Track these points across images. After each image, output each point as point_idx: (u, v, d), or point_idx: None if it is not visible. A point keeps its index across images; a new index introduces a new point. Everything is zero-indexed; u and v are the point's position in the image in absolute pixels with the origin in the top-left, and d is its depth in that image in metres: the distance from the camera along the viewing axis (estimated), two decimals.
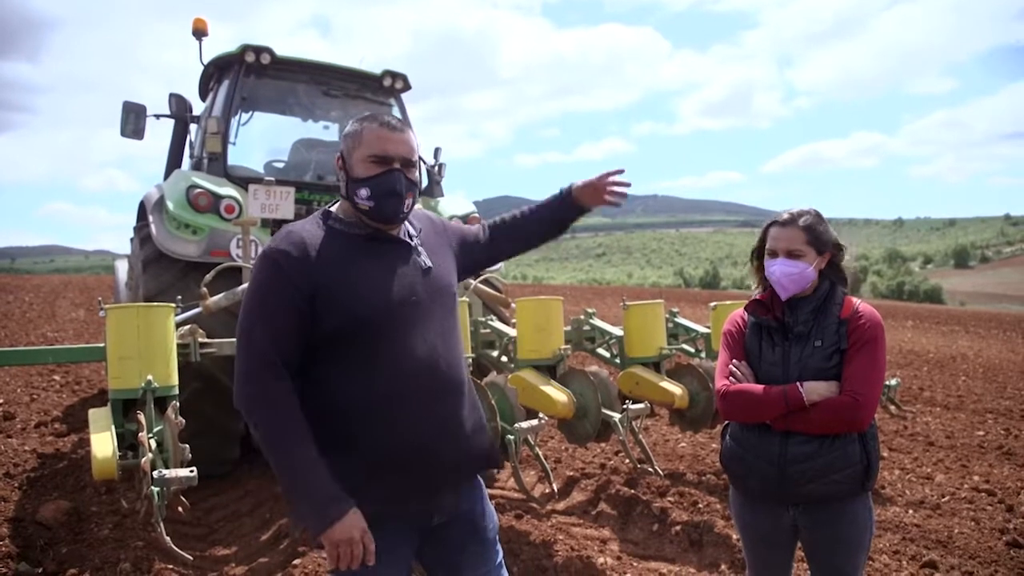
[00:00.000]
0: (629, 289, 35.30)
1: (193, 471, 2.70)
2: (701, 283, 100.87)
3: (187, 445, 2.80)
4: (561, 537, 3.79)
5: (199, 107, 6.29)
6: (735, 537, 3.69)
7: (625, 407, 4.17)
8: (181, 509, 2.83)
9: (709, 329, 5.01)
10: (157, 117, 6.17)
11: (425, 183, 6.05)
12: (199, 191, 4.76)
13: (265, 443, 1.68)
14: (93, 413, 3.14)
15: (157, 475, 2.66)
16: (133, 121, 5.92)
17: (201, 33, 5.66)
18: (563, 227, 2.20)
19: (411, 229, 1.91)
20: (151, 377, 3.01)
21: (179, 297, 3.87)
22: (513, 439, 3.59)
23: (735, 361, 2.24)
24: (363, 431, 1.73)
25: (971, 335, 17.40)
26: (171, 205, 4.71)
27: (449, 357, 1.84)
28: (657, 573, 3.55)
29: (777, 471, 2.13)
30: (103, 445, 2.85)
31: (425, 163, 6.07)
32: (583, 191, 2.13)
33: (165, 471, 2.69)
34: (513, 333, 4.47)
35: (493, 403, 3.58)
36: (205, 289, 3.88)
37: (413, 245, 1.87)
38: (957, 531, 4.03)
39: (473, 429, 1.90)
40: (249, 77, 5.40)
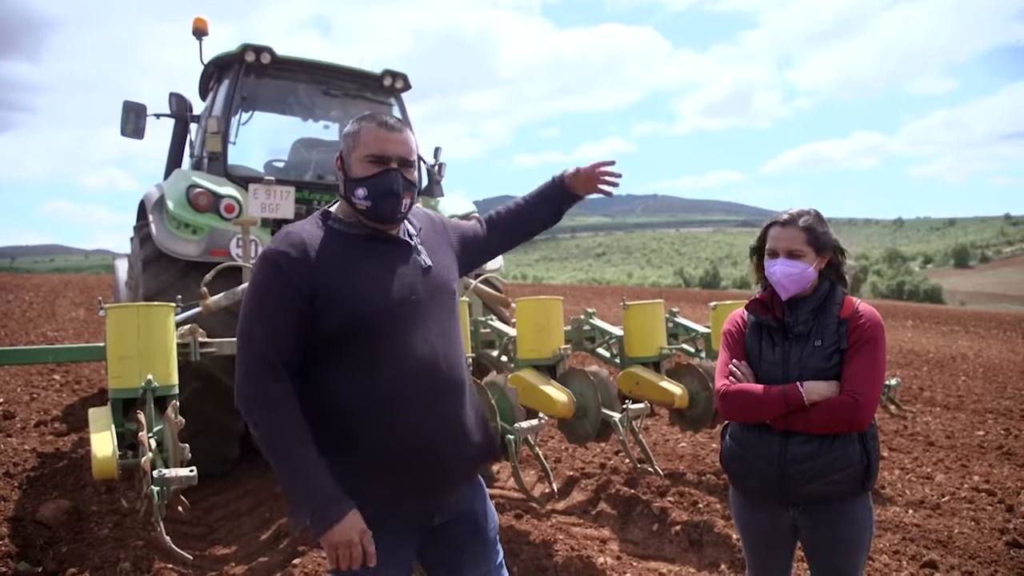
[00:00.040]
0: (629, 289, 35.29)
1: (193, 470, 2.70)
2: (701, 283, 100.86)
3: (187, 444, 2.80)
4: (561, 537, 3.79)
5: (199, 106, 6.29)
6: (735, 537, 3.69)
7: (625, 407, 4.17)
8: (181, 508, 2.83)
9: (709, 329, 5.00)
10: (157, 116, 6.17)
11: (425, 183, 6.05)
12: (199, 190, 4.76)
13: (265, 444, 1.68)
14: (93, 412, 3.14)
15: (157, 474, 2.65)
16: (133, 120, 5.93)
17: (201, 33, 5.67)
18: (558, 216, 2.23)
19: (411, 228, 1.91)
20: (151, 376, 3.01)
21: (179, 296, 3.87)
22: (513, 439, 3.59)
23: (735, 361, 2.24)
24: (363, 431, 1.73)
25: (971, 335, 17.40)
26: (171, 204, 4.71)
27: (450, 356, 1.83)
28: (657, 573, 3.54)
29: (777, 471, 2.13)
30: (103, 444, 2.85)
31: (425, 163, 6.06)
32: (576, 179, 2.16)
33: (165, 470, 2.69)
34: (513, 333, 4.47)
35: (493, 403, 3.58)
36: (205, 289, 3.88)
37: (413, 244, 1.87)
38: (957, 531, 4.03)
39: (473, 428, 1.90)
40: (249, 77, 5.40)
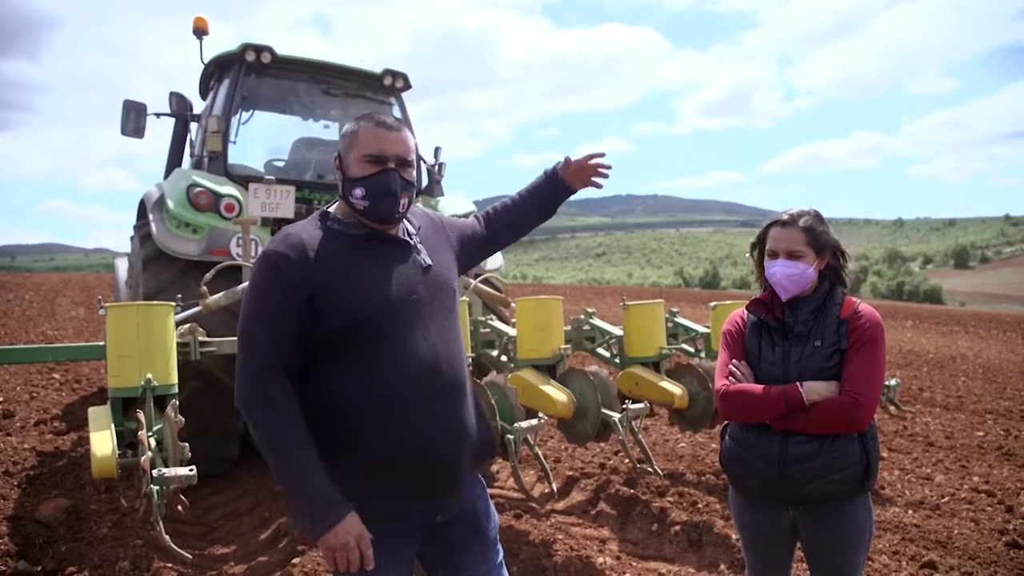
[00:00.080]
0: (629, 289, 35.29)
1: (192, 470, 2.70)
2: (701, 283, 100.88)
3: (186, 444, 2.80)
4: (560, 537, 3.79)
5: (199, 106, 6.28)
6: (734, 537, 3.69)
7: (625, 407, 4.17)
8: (180, 508, 2.83)
9: (709, 329, 5.00)
10: (157, 116, 6.16)
11: (425, 182, 6.05)
12: (199, 190, 4.76)
13: (264, 445, 1.68)
14: (93, 411, 3.14)
15: (156, 473, 2.65)
16: (133, 120, 5.92)
17: (201, 32, 5.67)
18: (552, 211, 2.26)
19: (410, 227, 1.91)
20: (151, 375, 3.01)
21: (179, 296, 3.87)
22: (512, 439, 3.59)
23: (735, 361, 2.23)
24: (364, 431, 1.72)
25: (971, 335, 17.40)
26: (171, 204, 4.71)
27: (450, 356, 1.83)
28: (656, 573, 3.54)
29: (777, 471, 2.13)
30: (102, 443, 2.84)
31: (425, 162, 6.09)
32: (568, 172, 2.19)
33: (164, 469, 2.69)
34: (513, 333, 4.47)
35: (493, 402, 3.58)
36: (205, 288, 3.88)
37: (412, 244, 1.87)
38: (957, 532, 4.03)
39: (474, 427, 1.90)
40: (250, 76, 5.40)
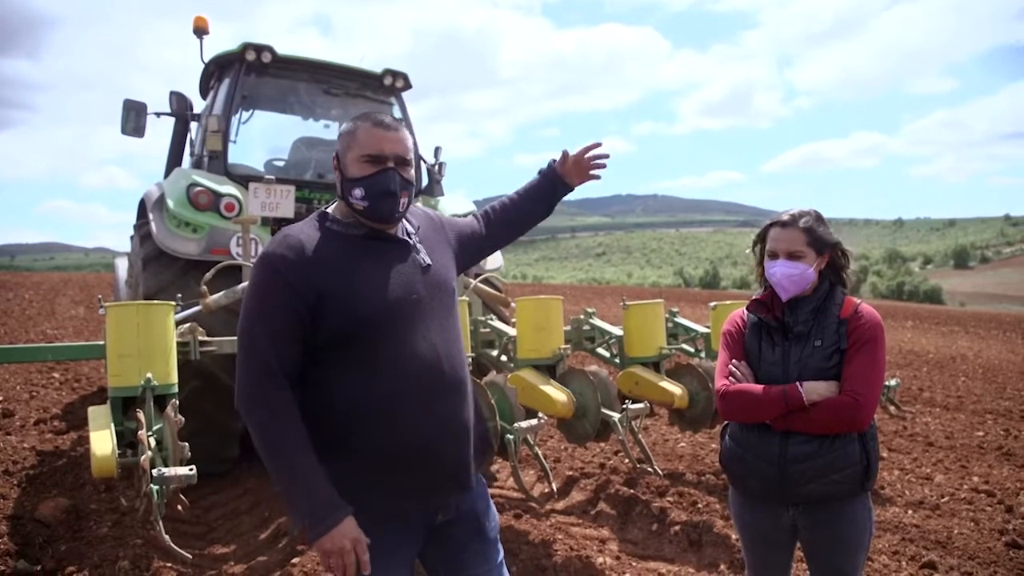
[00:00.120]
0: (629, 289, 35.29)
1: (192, 469, 2.70)
2: (701, 283, 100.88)
3: (186, 443, 2.80)
4: (560, 537, 3.79)
5: (200, 105, 6.28)
6: (734, 537, 3.69)
7: (624, 407, 4.17)
8: (180, 507, 2.82)
9: (709, 329, 5.00)
10: (158, 115, 6.16)
11: (425, 182, 6.05)
12: (199, 189, 4.76)
13: (263, 448, 1.67)
14: (92, 411, 3.13)
15: (156, 473, 2.65)
16: (134, 119, 5.92)
17: (202, 31, 5.67)
18: (550, 208, 2.26)
19: (409, 227, 1.90)
20: (151, 375, 3.01)
21: (179, 295, 3.87)
22: (512, 438, 3.59)
23: (735, 361, 2.23)
24: (364, 431, 1.72)
25: (971, 335, 17.41)
26: (171, 203, 4.71)
27: (450, 355, 1.83)
28: (656, 573, 3.54)
29: (777, 471, 2.13)
30: (102, 443, 2.84)
31: (425, 162, 6.09)
32: (567, 168, 2.20)
33: (164, 469, 2.69)
34: (513, 332, 4.46)
35: (493, 402, 3.58)
36: (205, 287, 3.88)
37: (412, 243, 1.86)
38: (956, 532, 4.03)
39: (473, 427, 1.90)
40: (250, 75, 5.40)
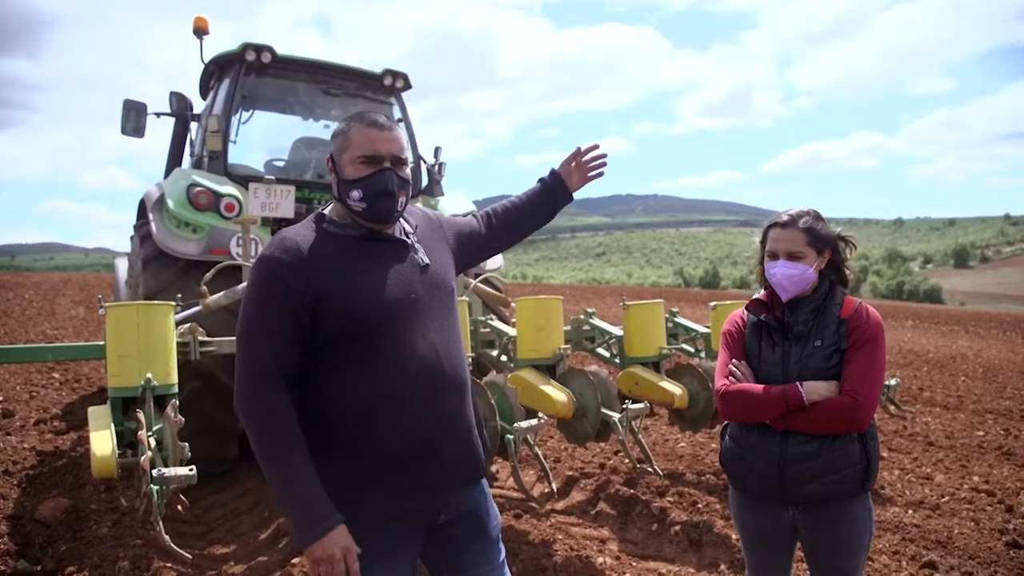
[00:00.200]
0: (629, 289, 35.29)
1: (192, 469, 2.70)
2: (701, 283, 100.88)
3: (186, 443, 2.80)
4: (560, 537, 3.79)
5: (200, 105, 6.28)
6: (734, 537, 3.69)
7: (624, 407, 4.17)
8: (180, 507, 2.82)
9: (709, 329, 5.00)
10: (158, 115, 6.17)
11: (425, 182, 6.06)
12: (199, 189, 4.76)
13: (259, 451, 1.67)
14: (92, 411, 3.13)
15: (156, 473, 2.65)
16: (134, 119, 5.93)
17: (202, 32, 5.67)
18: (551, 215, 2.26)
19: (407, 226, 1.90)
20: (151, 375, 3.01)
21: (179, 295, 3.87)
22: (512, 438, 3.59)
23: (735, 361, 2.23)
24: (364, 432, 1.72)
25: (971, 335, 17.41)
26: (171, 203, 4.71)
27: (450, 355, 1.83)
28: (656, 573, 3.54)
29: (777, 471, 2.13)
30: (102, 443, 2.84)
31: (425, 162, 6.09)
32: (569, 175, 2.22)
33: (164, 469, 2.69)
34: (513, 332, 4.46)
35: (493, 402, 3.58)
36: (205, 287, 3.88)
37: (410, 243, 1.86)
38: (957, 531, 4.03)
39: (474, 427, 1.90)
40: (250, 76, 5.40)
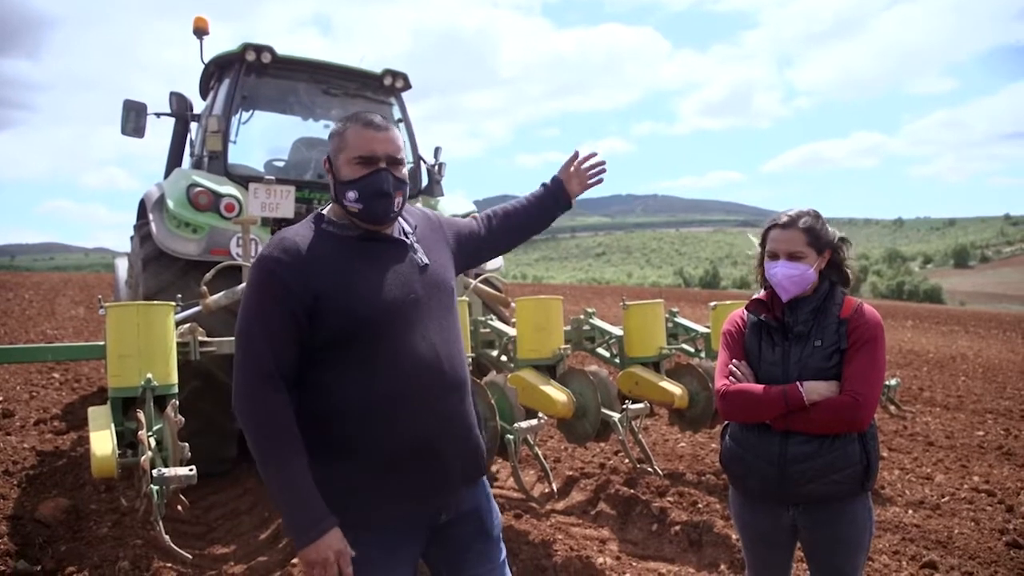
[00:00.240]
0: (629, 289, 35.29)
1: (192, 469, 2.70)
2: (701, 283, 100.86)
3: (186, 443, 2.80)
4: (560, 537, 3.79)
5: (200, 105, 6.28)
6: (734, 537, 3.69)
7: (624, 407, 4.17)
8: (180, 507, 2.82)
9: (709, 329, 5.00)
10: (158, 115, 6.17)
11: (425, 182, 6.05)
12: (199, 189, 4.76)
13: (256, 452, 1.67)
14: (92, 411, 3.13)
15: (156, 473, 2.65)
16: (134, 119, 5.93)
17: (202, 32, 5.67)
18: (550, 221, 2.28)
19: (406, 226, 1.89)
20: (151, 375, 3.01)
21: (179, 295, 3.87)
22: (512, 438, 3.59)
23: (735, 361, 2.23)
24: (364, 432, 1.72)
25: (971, 335, 17.41)
26: (171, 203, 4.71)
27: (450, 355, 1.83)
28: (656, 573, 3.54)
29: (777, 471, 2.13)
30: (102, 443, 2.84)
31: (425, 162, 6.09)
32: (569, 181, 2.24)
33: (164, 469, 2.69)
34: (513, 333, 4.46)
35: (493, 402, 3.58)
36: (205, 288, 3.88)
37: (409, 243, 1.86)
38: (957, 531, 4.03)
39: (475, 426, 1.90)
40: (250, 76, 5.40)
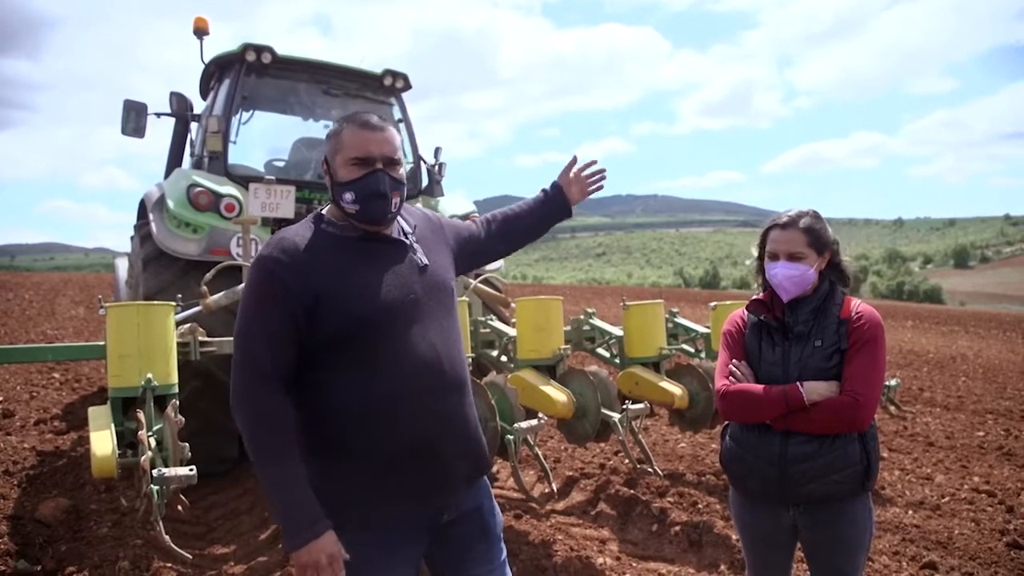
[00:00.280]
0: (629, 289, 35.30)
1: (192, 469, 2.70)
2: (701, 283, 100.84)
3: (186, 443, 2.80)
4: (560, 537, 3.79)
5: (200, 106, 6.28)
6: (734, 537, 3.69)
7: (625, 407, 4.17)
8: (180, 507, 2.82)
9: (709, 329, 5.00)
10: (158, 115, 6.17)
11: (425, 182, 6.06)
12: (200, 190, 4.76)
13: (251, 453, 1.68)
14: (93, 411, 3.13)
15: (156, 473, 2.65)
16: (134, 119, 5.93)
17: (202, 32, 5.67)
18: (548, 227, 2.29)
19: (405, 227, 1.89)
20: (151, 375, 3.01)
21: (179, 295, 3.88)
22: (512, 439, 3.59)
23: (735, 361, 2.23)
24: (364, 432, 1.72)
25: (971, 335, 17.41)
26: (172, 203, 4.72)
27: (450, 355, 1.83)
28: (656, 573, 3.54)
29: (777, 471, 2.13)
30: (102, 443, 2.84)
31: (425, 163, 6.10)
32: (568, 187, 2.25)
33: (164, 469, 2.69)
34: (513, 333, 4.47)
35: (493, 403, 3.58)
36: (205, 288, 3.88)
37: (408, 243, 1.85)
38: (957, 532, 4.03)
39: (475, 427, 1.90)
40: (250, 76, 5.40)
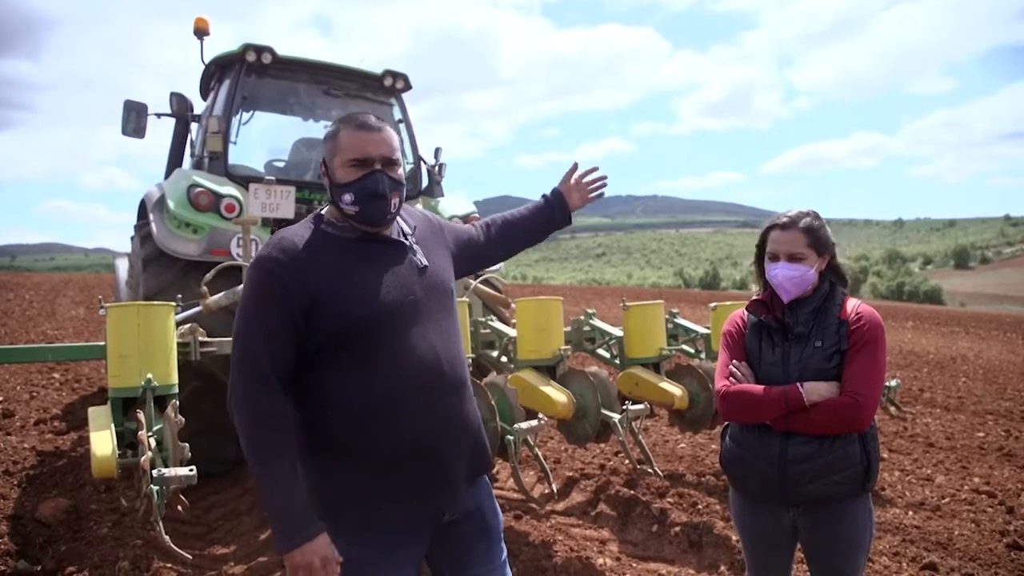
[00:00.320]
0: (629, 289, 35.30)
1: (192, 470, 2.70)
2: (701, 284, 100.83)
3: (186, 444, 2.80)
4: (560, 538, 3.79)
5: (200, 106, 6.29)
6: (735, 538, 3.69)
7: (625, 408, 4.17)
8: (180, 508, 2.82)
9: (709, 330, 5.01)
10: (158, 116, 6.17)
11: (425, 183, 6.06)
12: (200, 190, 4.76)
13: (248, 454, 1.67)
14: (93, 411, 3.13)
15: (156, 474, 2.65)
16: (134, 120, 5.93)
17: (202, 32, 5.67)
18: (547, 233, 2.30)
19: (405, 228, 1.89)
20: (151, 376, 3.01)
21: (179, 296, 3.88)
22: (513, 439, 3.59)
23: (735, 362, 2.23)
24: (364, 433, 1.72)
25: (971, 336, 17.41)
26: (172, 204, 4.72)
27: (450, 356, 1.83)
28: (656, 574, 3.55)
29: (777, 472, 2.13)
30: (102, 443, 2.84)
31: (425, 163, 6.10)
32: (569, 193, 2.26)
33: (164, 470, 2.69)
34: (513, 333, 4.47)
35: (493, 403, 3.58)
36: (205, 288, 3.88)
37: (408, 244, 1.85)
38: (957, 533, 4.03)
39: (475, 427, 1.90)
40: (250, 76, 5.40)
